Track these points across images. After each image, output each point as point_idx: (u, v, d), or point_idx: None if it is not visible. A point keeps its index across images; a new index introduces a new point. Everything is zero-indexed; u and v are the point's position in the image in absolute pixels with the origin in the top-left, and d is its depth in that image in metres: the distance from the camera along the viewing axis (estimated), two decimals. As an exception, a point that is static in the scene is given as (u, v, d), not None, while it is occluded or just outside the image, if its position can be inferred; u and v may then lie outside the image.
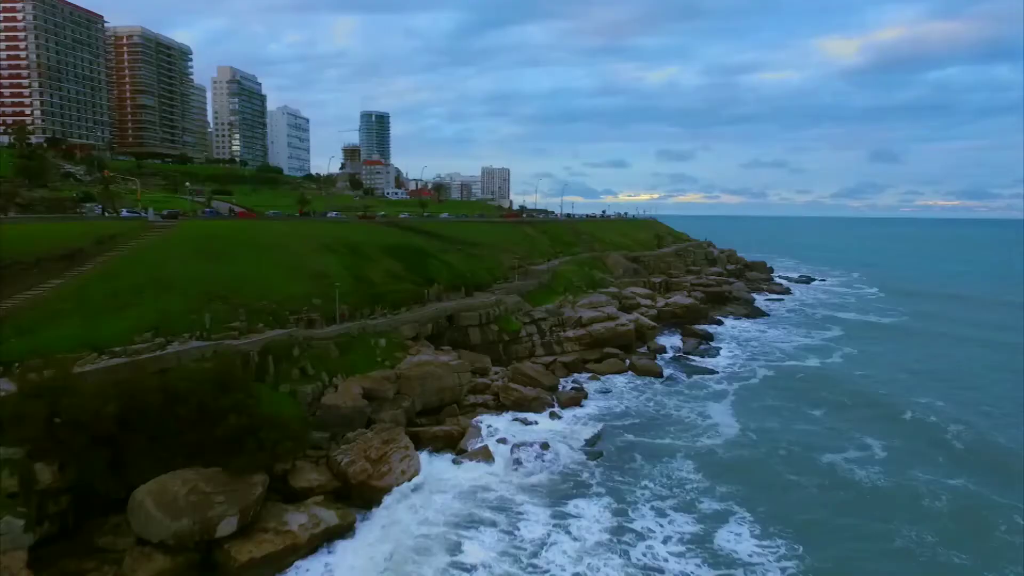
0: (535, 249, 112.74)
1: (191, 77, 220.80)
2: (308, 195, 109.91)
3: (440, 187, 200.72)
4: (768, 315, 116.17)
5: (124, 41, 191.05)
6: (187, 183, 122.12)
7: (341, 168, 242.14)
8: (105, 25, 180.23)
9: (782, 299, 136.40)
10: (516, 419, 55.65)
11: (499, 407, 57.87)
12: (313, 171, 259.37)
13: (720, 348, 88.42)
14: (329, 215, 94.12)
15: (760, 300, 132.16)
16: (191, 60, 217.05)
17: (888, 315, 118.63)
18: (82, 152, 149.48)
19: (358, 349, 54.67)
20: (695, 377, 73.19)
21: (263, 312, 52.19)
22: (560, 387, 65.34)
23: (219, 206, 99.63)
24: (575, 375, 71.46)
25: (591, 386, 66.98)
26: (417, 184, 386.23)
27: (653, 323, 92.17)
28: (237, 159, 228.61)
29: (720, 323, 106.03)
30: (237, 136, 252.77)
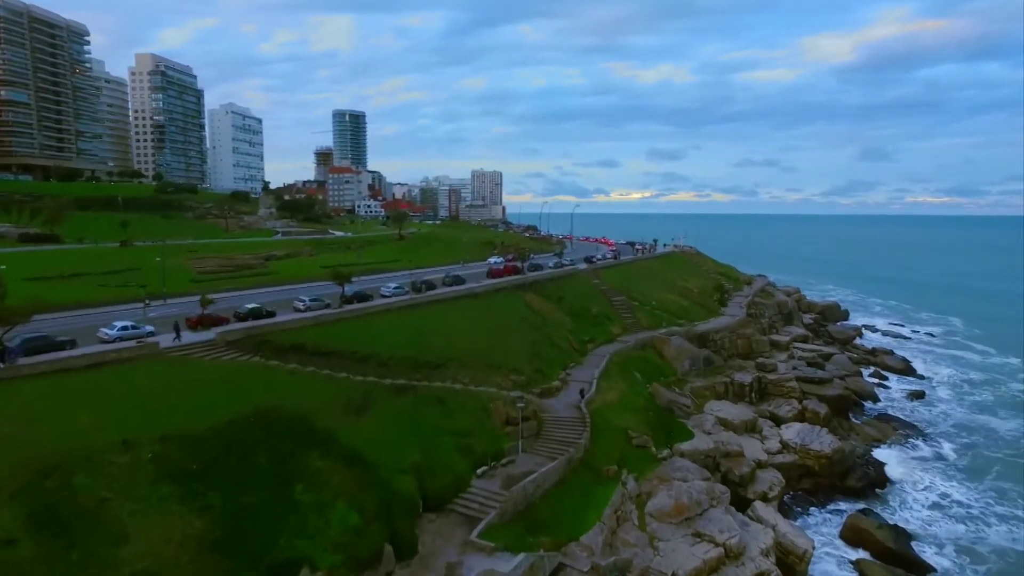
0: (548, 342, 64.52)
1: (88, 66, 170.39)
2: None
3: (403, 215, 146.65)
4: (937, 443, 69.60)
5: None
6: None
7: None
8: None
9: (921, 391, 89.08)
10: None
11: None
12: (275, 181, 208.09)
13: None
14: (106, 331, 41.30)
15: (895, 399, 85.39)
16: (87, 43, 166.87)
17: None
18: None
19: None
20: None
21: None
22: None
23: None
24: None
25: None
26: (394, 195, 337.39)
27: (804, 544, 43.87)
28: (146, 172, 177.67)
29: (881, 485, 58.57)
30: (165, 141, 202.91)
